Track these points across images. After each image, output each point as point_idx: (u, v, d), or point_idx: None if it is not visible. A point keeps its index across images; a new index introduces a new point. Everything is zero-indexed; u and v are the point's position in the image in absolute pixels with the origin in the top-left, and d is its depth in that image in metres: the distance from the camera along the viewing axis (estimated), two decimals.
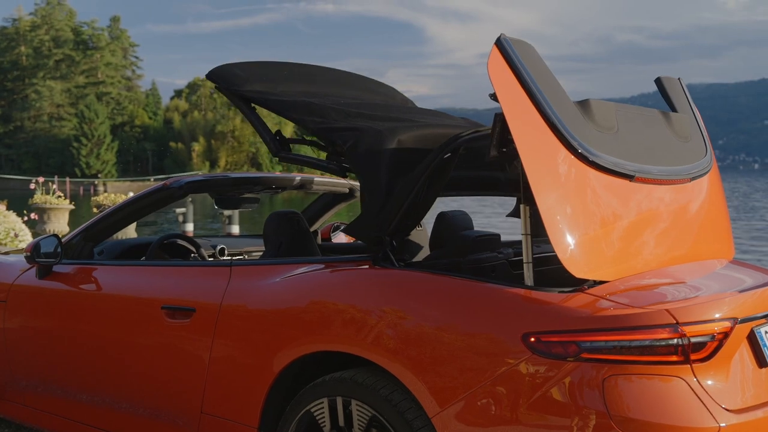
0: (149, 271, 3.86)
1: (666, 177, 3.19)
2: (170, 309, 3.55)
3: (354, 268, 3.20)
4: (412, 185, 3.09)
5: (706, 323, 2.63)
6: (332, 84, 4.02)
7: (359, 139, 3.27)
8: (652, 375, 2.57)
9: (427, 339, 2.80)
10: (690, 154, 3.45)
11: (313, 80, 3.94)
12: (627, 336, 2.57)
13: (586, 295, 2.73)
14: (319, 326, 3.06)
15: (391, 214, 3.12)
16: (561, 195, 2.77)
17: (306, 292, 3.20)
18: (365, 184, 3.22)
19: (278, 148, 3.53)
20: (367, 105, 3.74)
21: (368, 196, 3.20)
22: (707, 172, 3.52)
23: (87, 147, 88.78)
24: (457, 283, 2.90)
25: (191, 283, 3.59)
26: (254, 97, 3.57)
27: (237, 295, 3.37)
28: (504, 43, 2.83)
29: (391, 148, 3.22)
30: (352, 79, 4.24)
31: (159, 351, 3.59)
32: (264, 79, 3.70)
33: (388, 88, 4.44)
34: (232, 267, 3.50)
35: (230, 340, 3.33)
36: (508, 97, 2.76)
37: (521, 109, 2.77)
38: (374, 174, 3.19)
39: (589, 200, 2.86)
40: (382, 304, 2.97)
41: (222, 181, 4.35)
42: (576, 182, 2.82)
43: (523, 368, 2.63)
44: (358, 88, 4.17)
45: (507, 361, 2.65)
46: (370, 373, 2.96)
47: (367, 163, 3.22)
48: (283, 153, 3.53)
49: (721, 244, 3.64)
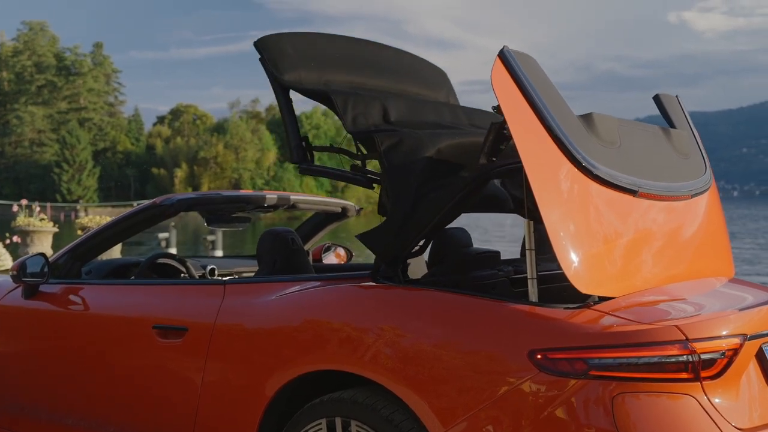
0: (140, 290, 3.76)
1: (668, 193, 3.15)
2: (162, 328, 3.46)
3: (353, 285, 3.12)
4: (439, 208, 2.96)
5: (716, 339, 2.58)
6: (384, 73, 3.76)
7: (398, 142, 3.10)
8: (662, 393, 2.51)
9: (429, 357, 2.73)
10: (690, 170, 3.42)
11: (365, 65, 3.68)
12: (636, 353, 2.50)
13: (592, 312, 2.67)
14: (316, 345, 2.98)
15: (413, 234, 3.00)
16: (566, 209, 2.72)
17: (303, 309, 3.12)
18: (393, 191, 3.05)
19: (301, 157, 3.32)
20: (414, 103, 3.56)
21: (393, 205, 3.04)
22: (707, 189, 3.48)
23: (68, 173, 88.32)
24: (459, 300, 2.83)
25: (184, 302, 3.50)
26: (295, 87, 3.33)
27: (231, 314, 3.29)
28: (507, 55, 2.79)
29: (428, 156, 3.07)
30: (405, 64, 3.97)
31: (150, 372, 3.49)
32: (312, 62, 3.41)
33: (439, 74, 4.24)
34: (226, 285, 3.42)
35: (224, 360, 3.24)
36: (512, 109, 2.71)
37: (525, 121, 2.72)
38: (405, 180, 3.03)
39: (593, 215, 2.81)
40: (382, 321, 2.89)
41: (214, 198, 4.28)
42: (580, 196, 2.77)
43: (530, 386, 2.55)
44: (410, 76, 3.91)
45: (512, 379, 2.58)
46: (370, 393, 2.88)
47: (401, 169, 3.06)
48: (305, 164, 3.33)
49: (722, 262, 3.60)
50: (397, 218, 3.01)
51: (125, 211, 4.08)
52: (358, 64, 3.65)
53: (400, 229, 3.00)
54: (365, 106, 3.25)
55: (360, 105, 3.24)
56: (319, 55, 3.48)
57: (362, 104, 3.25)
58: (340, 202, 4.88)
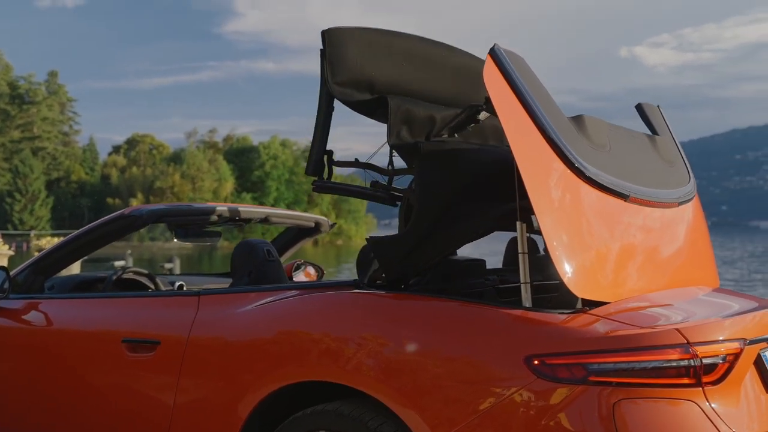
0: (108, 303, 3.59)
1: (656, 199, 3.10)
2: (132, 342, 3.29)
3: (336, 294, 2.99)
4: (456, 242, 2.85)
5: (718, 343, 2.50)
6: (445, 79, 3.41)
7: (436, 158, 2.92)
8: (664, 399, 2.41)
9: (419, 366, 2.61)
10: (675, 179, 3.38)
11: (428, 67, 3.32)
12: (637, 357, 2.41)
13: (589, 316, 2.58)
14: (299, 355, 2.84)
15: (427, 257, 2.86)
16: (560, 210, 2.64)
17: (284, 319, 2.99)
18: (420, 207, 2.85)
19: (318, 171, 3.08)
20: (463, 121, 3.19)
21: (415, 222, 2.85)
22: (692, 198, 3.44)
23: (21, 202, 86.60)
24: (450, 306, 2.72)
25: (155, 315, 3.34)
26: (343, 100, 3.06)
27: (206, 326, 3.14)
28: (498, 53, 2.72)
29: (462, 176, 2.90)
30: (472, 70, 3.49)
31: (119, 388, 3.31)
32: (372, 70, 3.09)
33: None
34: (201, 296, 3.27)
35: (199, 374, 3.09)
36: (505, 109, 2.64)
37: (517, 120, 2.65)
38: (435, 199, 2.85)
39: (586, 217, 2.74)
40: (369, 329, 2.77)
41: (185, 210, 4.12)
42: (572, 197, 2.70)
43: (527, 394, 2.44)
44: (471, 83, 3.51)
45: (509, 386, 2.47)
46: (356, 405, 2.75)
47: (433, 186, 2.87)
48: (320, 181, 3.10)
49: (707, 272, 3.55)
50: (416, 236, 2.85)
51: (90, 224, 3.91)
52: (421, 67, 3.32)
53: (416, 248, 2.85)
54: (413, 119, 3.05)
55: (408, 118, 3.04)
56: (379, 59, 3.16)
57: (411, 117, 3.05)
58: (314, 216, 4.76)
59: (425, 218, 2.84)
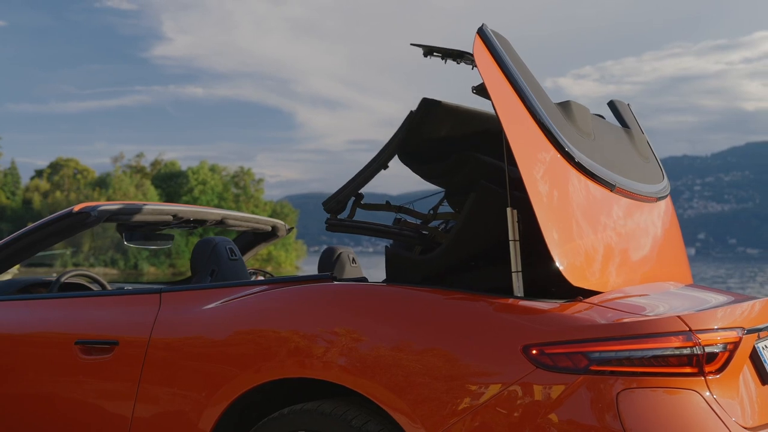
0: (59, 303, 3.33)
1: (639, 193, 3.04)
2: (86, 344, 3.05)
3: (312, 286, 2.82)
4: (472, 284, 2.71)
5: (718, 331, 2.42)
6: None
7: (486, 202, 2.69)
8: (667, 389, 2.31)
9: (409, 359, 2.45)
10: (651, 174, 3.34)
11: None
12: (640, 345, 2.31)
13: (585, 304, 2.48)
14: (276, 351, 2.65)
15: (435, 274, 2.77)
16: (552, 198, 2.54)
17: (256, 315, 2.80)
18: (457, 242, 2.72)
19: (336, 210, 2.92)
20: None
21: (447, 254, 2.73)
22: (667, 195, 3.40)
23: None
24: (440, 296, 2.58)
25: (112, 314, 3.11)
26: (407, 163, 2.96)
27: (170, 325, 2.92)
28: (486, 33, 2.62)
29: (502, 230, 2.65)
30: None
31: (72, 395, 3.06)
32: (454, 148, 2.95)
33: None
34: (162, 293, 3.05)
35: (162, 377, 2.87)
36: (496, 92, 2.55)
37: (509, 105, 2.55)
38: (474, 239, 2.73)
39: (578, 205, 2.65)
40: (351, 322, 2.60)
41: (139, 209, 3.88)
42: (564, 185, 2.60)
43: (526, 385, 2.31)
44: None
45: (506, 378, 2.33)
46: (339, 403, 2.57)
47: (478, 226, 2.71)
48: (333, 220, 2.92)
49: (681, 269, 3.52)
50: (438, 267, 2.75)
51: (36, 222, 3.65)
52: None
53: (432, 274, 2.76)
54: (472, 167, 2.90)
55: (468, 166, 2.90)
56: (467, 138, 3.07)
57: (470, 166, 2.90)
58: (271, 220, 4.57)
59: (455, 256, 2.74)
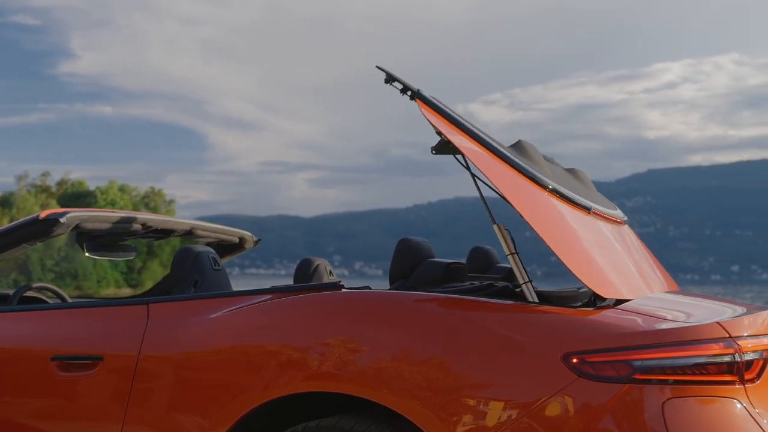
0: (29, 316, 3.06)
1: (609, 215, 3.04)
2: (64, 360, 2.80)
3: (323, 294, 2.65)
4: None
5: (755, 338, 2.36)
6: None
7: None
8: (710, 397, 2.23)
9: (441, 369, 2.31)
10: (606, 202, 3.33)
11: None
12: (683, 352, 2.23)
13: (621, 311, 2.39)
14: (290, 363, 2.47)
15: None
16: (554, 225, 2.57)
17: (261, 326, 2.61)
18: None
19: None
20: None
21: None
22: (626, 221, 3.40)
23: None
24: (468, 304, 2.46)
25: (94, 327, 2.87)
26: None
27: (162, 339, 2.71)
28: (424, 96, 2.64)
29: None
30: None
31: (48, 416, 2.80)
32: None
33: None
34: (150, 304, 2.83)
35: (156, 396, 2.64)
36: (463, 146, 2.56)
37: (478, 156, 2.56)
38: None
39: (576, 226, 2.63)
40: (372, 329, 2.45)
41: (108, 217, 3.64)
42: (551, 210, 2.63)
43: (568, 396, 2.20)
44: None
45: (548, 388, 2.22)
46: (359, 419, 2.41)
47: None
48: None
49: (669, 280, 3.50)
50: None
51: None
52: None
53: None
54: None
55: None
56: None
57: None
58: (238, 231, 4.37)
59: None
